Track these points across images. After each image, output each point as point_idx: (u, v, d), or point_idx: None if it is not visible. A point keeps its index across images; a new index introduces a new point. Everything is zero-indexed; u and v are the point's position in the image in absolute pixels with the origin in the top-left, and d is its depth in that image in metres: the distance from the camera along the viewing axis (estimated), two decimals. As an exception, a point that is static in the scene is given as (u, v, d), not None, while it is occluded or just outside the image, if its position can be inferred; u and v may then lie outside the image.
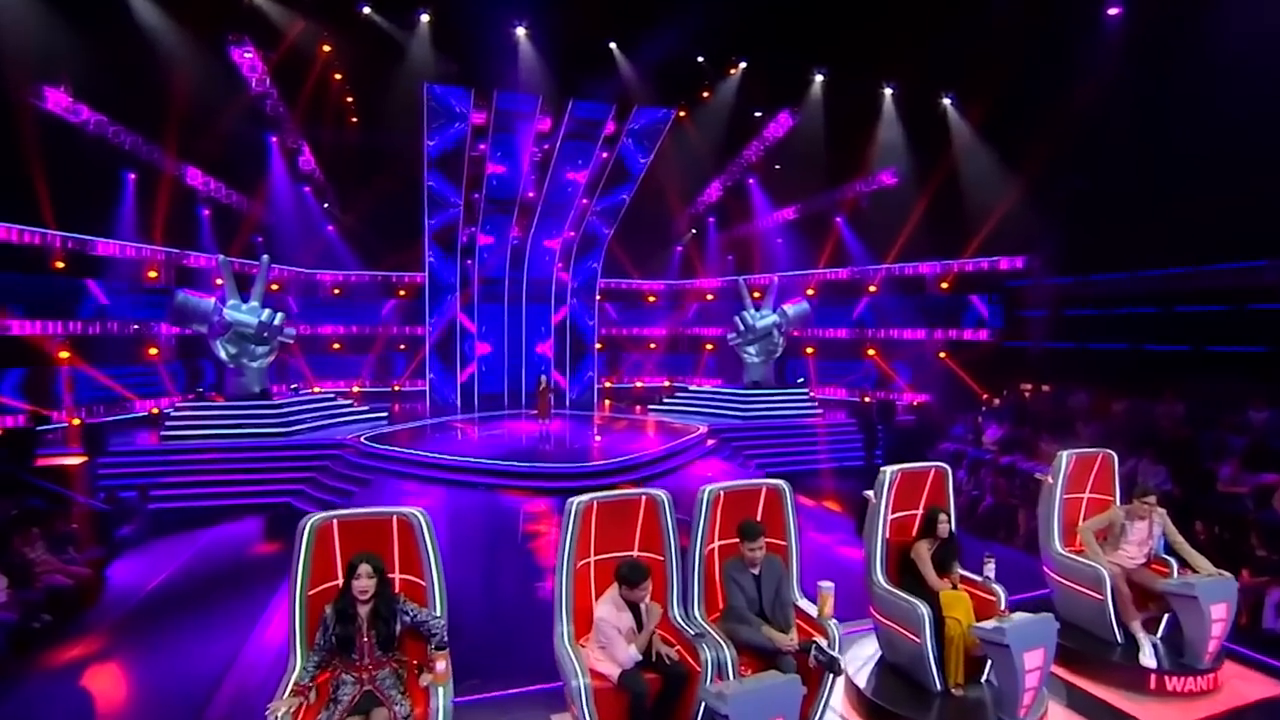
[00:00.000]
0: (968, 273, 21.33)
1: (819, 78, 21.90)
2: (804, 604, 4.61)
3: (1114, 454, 6.29)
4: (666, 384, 27.41)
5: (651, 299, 28.42)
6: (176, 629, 7.78)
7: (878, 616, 5.19)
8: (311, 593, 3.94)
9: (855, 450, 18.45)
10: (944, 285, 21.84)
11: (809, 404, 20.85)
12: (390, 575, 3.96)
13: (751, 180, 25.39)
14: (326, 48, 19.60)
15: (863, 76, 20.45)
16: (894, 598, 4.97)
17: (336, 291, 24.83)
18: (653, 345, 28.13)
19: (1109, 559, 5.65)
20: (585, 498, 4.42)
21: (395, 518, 4.06)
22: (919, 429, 18.09)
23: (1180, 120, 13.21)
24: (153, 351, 19.07)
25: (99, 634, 7.83)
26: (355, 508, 4.34)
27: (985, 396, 17.68)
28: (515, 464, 14.24)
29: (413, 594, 4.05)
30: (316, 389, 22.48)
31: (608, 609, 4.06)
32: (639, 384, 27.59)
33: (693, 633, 4.26)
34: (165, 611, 8.41)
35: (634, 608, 4.07)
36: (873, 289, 23.33)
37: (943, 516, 5.08)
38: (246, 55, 19.05)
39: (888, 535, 5.23)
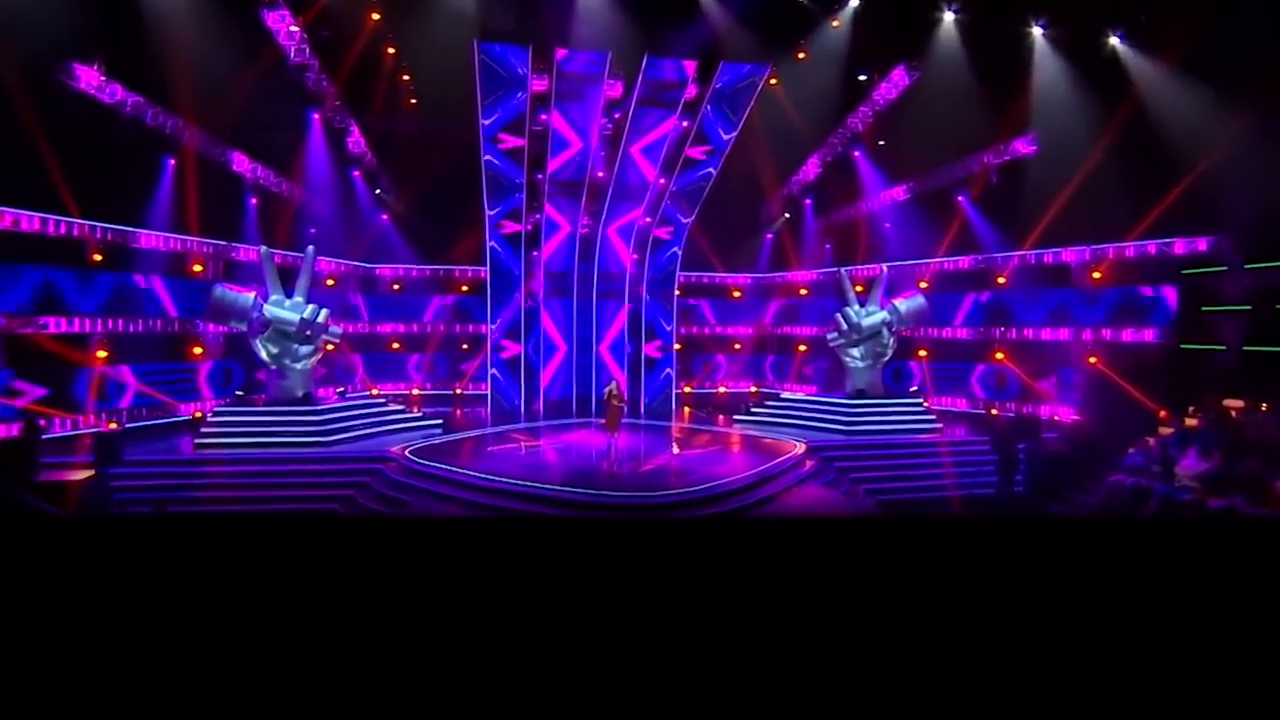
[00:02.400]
0: (1129, 259, 17.95)
1: (948, 17, 18.94)
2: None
3: None
4: (753, 390, 26.02)
5: (736, 294, 26.88)
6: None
7: None
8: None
9: (986, 475, 16.13)
10: (1096, 275, 18.65)
11: (925, 417, 18.74)
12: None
13: (857, 153, 22.84)
14: (375, 15, 18.31)
15: (1003, 15, 17.37)
16: None
17: (396, 287, 24.29)
18: (737, 346, 26.66)
19: None
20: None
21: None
22: (1074, 453, 15.06)
23: None
24: (198, 350, 18.51)
25: None
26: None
27: (1163, 414, 14.35)
28: (576, 491, 12.68)
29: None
30: (375, 391, 22.01)
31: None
32: (721, 390, 26.25)
33: None
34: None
35: None
36: (1002, 280, 20.54)
37: None
38: (282, 20, 18.02)
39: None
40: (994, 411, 20.20)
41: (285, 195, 20.54)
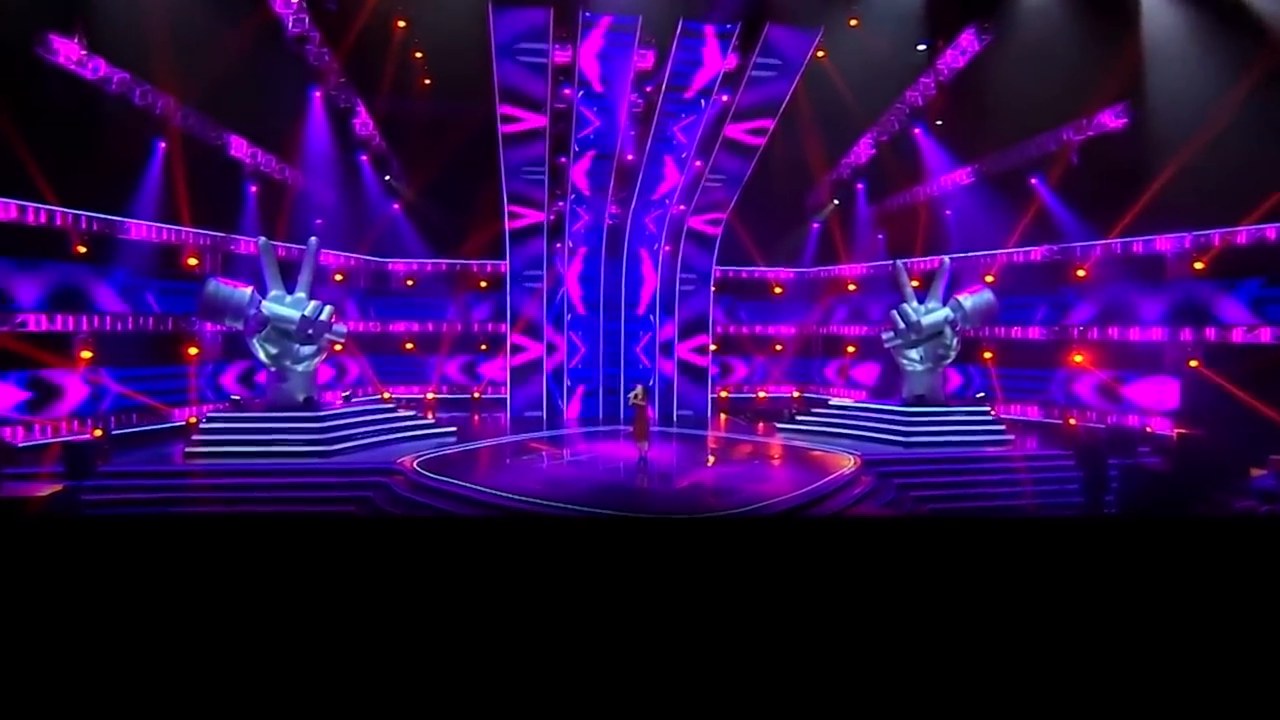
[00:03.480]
0: (1240, 247, 15.99)
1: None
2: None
3: None
4: (795, 395, 24.90)
5: (778, 290, 25.42)
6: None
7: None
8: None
9: (1069, 494, 14.42)
10: (1198, 265, 16.69)
11: (994, 427, 17.29)
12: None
13: (918, 130, 21.17)
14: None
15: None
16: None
17: (410, 283, 23.43)
18: (779, 347, 25.32)
19: None
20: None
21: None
22: (1180, 472, 13.24)
23: None
24: (193, 351, 17.63)
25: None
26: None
27: (1294, 428, 12.47)
28: (600, 511, 11.76)
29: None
30: (387, 395, 21.28)
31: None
32: (761, 394, 25.07)
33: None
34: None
35: None
36: (1081, 273, 18.78)
37: None
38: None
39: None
40: (1071, 421, 18.49)
41: (288, 183, 19.56)
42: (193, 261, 17.55)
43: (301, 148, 19.16)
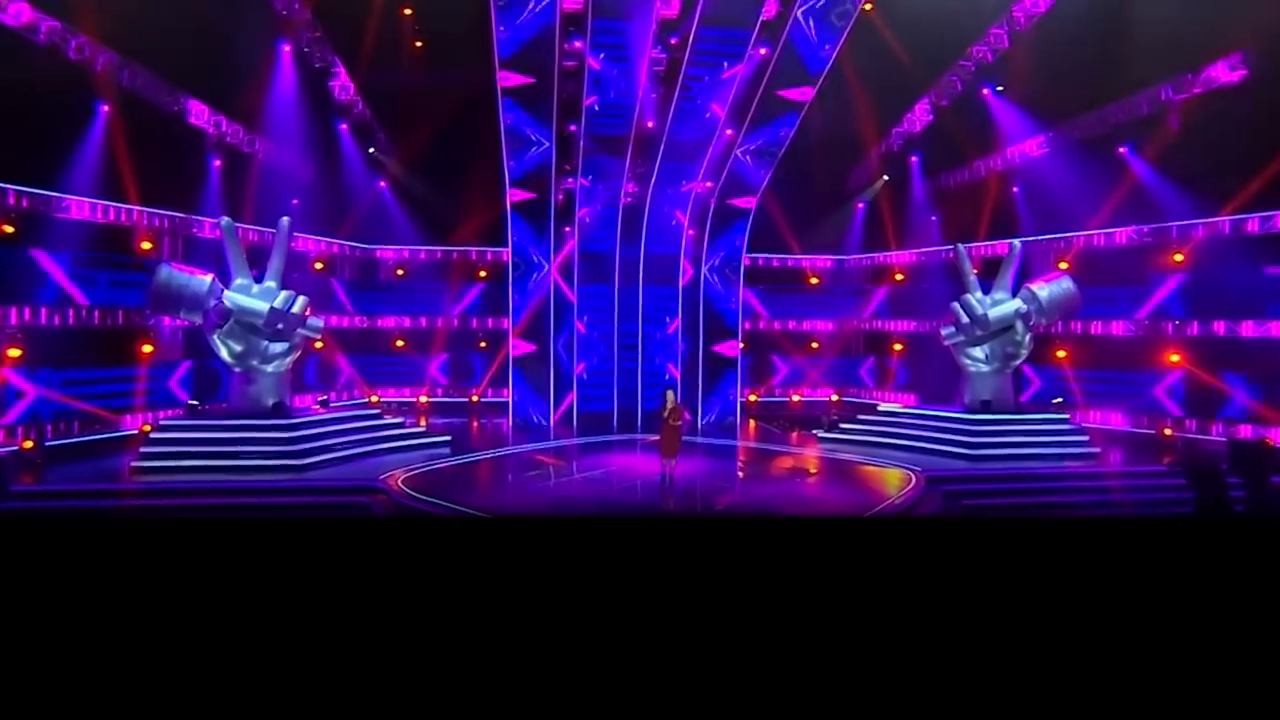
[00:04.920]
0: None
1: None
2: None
3: None
4: (834, 399, 23.69)
5: (814, 280, 24.31)
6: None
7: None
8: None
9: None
10: (1328, 247, 14.84)
11: (1076, 438, 16.04)
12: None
13: (987, 92, 19.49)
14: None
15: None
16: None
17: (400, 273, 22.46)
18: (815, 345, 24.19)
19: None
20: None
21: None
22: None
23: None
24: (147, 349, 16.37)
25: None
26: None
27: None
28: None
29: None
30: (375, 399, 20.91)
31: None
32: (795, 399, 23.92)
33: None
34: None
35: None
36: (1179, 257, 17.06)
37: None
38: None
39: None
40: (1167, 431, 16.83)
41: (257, 156, 18.18)
42: (146, 246, 16.19)
43: (272, 115, 17.79)
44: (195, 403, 15.84)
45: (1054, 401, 17.49)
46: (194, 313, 14.20)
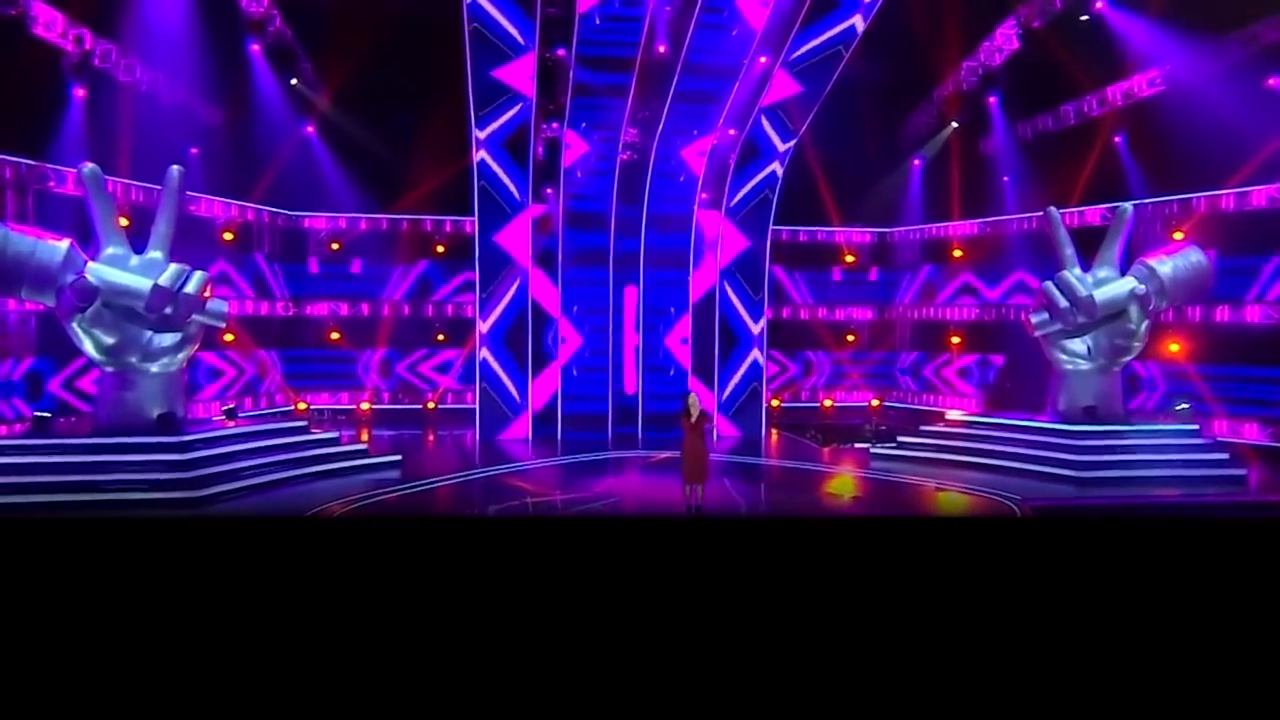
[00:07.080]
0: None
1: None
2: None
3: None
4: (874, 404, 22.78)
5: (850, 259, 23.37)
6: None
7: None
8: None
9: None
10: None
11: (1213, 455, 15.04)
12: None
13: (1101, 5, 17.83)
14: None
15: None
16: None
17: (335, 246, 21.38)
18: (851, 337, 23.53)
19: None
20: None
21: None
22: None
23: None
24: None
25: None
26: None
27: None
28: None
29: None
30: (303, 406, 20.49)
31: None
32: (827, 403, 23.34)
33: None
34: None
35: None
36: None
37: None
38: None
39: None
40: None
41: (137, 86, 16.57)
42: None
43: (156, 30, 16.24)
44: (44, 413, 14.34)
45: (1178, 408, 16.45)
46: (41, 291, 12.74)
